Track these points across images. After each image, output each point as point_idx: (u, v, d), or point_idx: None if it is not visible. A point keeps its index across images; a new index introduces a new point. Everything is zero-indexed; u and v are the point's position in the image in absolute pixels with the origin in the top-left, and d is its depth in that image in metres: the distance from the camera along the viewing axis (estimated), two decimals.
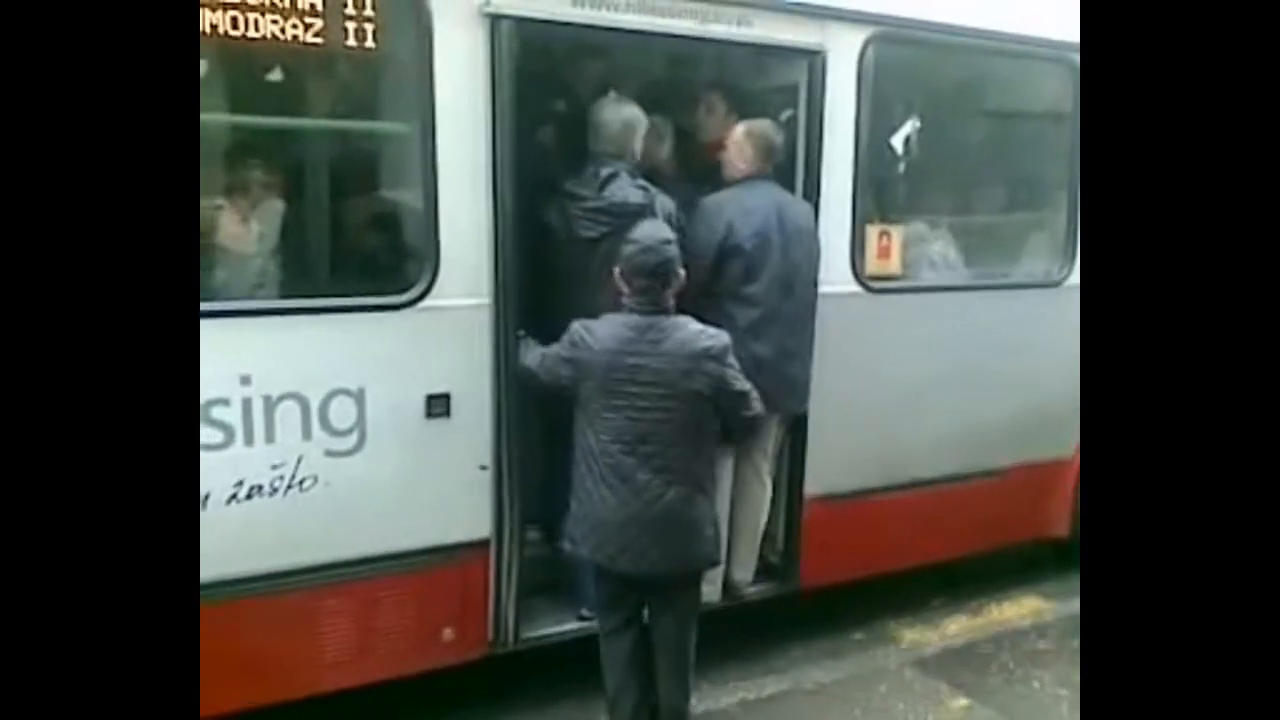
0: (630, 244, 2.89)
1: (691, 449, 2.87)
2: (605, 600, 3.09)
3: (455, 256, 3.06)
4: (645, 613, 3.10)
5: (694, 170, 3.92)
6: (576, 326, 2.92)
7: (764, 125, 3.61)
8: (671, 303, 2.89)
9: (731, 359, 2.87)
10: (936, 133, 4.23)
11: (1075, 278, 4.40)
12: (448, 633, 3.29)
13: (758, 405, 2.95)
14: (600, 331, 2.87)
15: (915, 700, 3.60)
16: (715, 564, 3.11)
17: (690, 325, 2.87)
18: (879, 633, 4.22)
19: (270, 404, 2.87)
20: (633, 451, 2.82)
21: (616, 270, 2.92)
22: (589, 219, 3.34)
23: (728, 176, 3.63)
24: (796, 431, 3.80)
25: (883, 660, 3.94)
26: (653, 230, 2.95)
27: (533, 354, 3.10)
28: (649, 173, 3.51)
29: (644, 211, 3.29)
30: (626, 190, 3.33)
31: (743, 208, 3.47)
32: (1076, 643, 3.98)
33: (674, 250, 2.90)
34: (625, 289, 2.88)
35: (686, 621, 3.07)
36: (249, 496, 2.87)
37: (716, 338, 2.86)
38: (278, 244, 3.05)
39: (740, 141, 3.59)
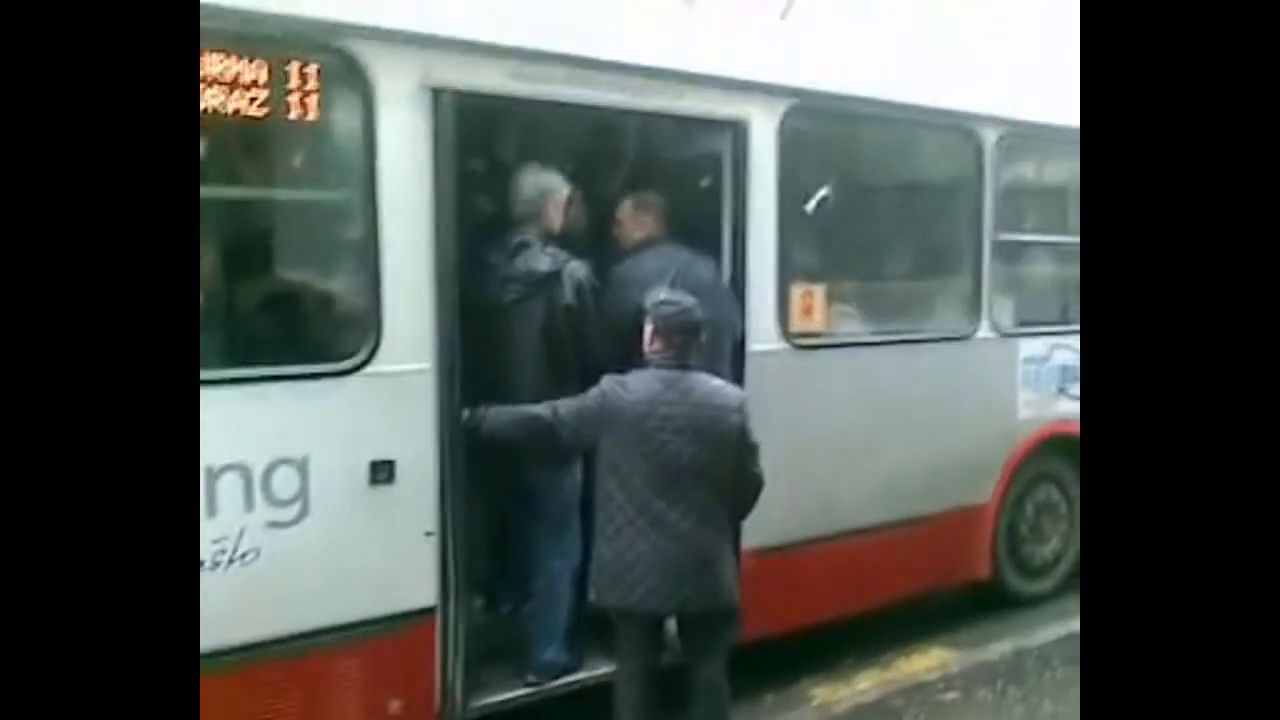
0: (666, 305, 3.12)
1: (714, 494, 3.07)
2: (625, 647, 3.21)
3: (398, 322, 3.08)
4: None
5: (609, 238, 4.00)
6: (609, 380, 3.11)
7: (649, 195, 3.83)
8: (694, 360, 3.11)
9: (748, 412, 3.12)
10: (854, 197, 4.46)
11: (983, 331, 4.67)
12: (394, 705, 3.21)
13: (763, 467, 3.14)
14: (633, 384, 3.08)
15: None
16: (734, 609, 3.19)
17: (713, 380, 3.14)
18: (791, 693, 4.19)
19: (212, 476, 2.81)
20: (663, 494, 2.99)
21: (648, 328, 3.11)
22: (499, 286, 3.47)
23: (627, 246, 3.79)
24: None
25: None
26: (678, 295, 3.19)
27: (531, 409, 3.24)
28: (565, 239, 3.60)
29: (551, 280, 3.44)
30: (536, 259, 3.47)
31: (644, 272, 3.60)
32: (983, 692, 4.12)
33: (701, 313, 3.14)
34: (655, 344, 3.10)
35: (723, 665, 3.21)
36: None
37: (737, 393, 3.18)
38: (220, 313, 3.02)
39: (631, 213, 3.80)
